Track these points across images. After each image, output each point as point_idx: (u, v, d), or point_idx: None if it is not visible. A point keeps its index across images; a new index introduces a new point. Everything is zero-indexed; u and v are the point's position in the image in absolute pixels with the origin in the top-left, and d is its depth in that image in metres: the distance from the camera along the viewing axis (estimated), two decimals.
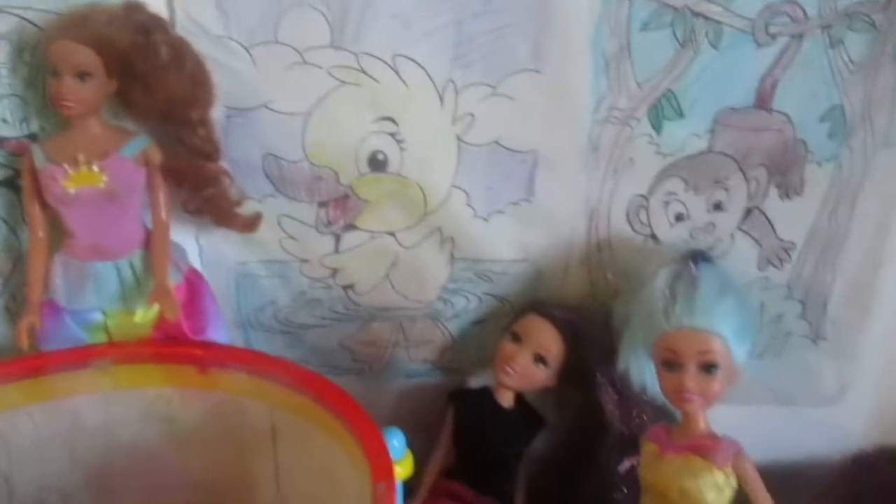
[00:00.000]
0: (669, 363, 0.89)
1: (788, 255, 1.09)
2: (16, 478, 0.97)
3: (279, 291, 1.04)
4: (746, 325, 0.91)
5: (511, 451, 1.04)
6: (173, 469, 1.02)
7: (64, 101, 0.83)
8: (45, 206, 0.90)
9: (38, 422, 0.96)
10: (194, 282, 0.95)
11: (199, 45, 0.89)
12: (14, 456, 0.96)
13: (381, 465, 0.75)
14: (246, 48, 0.91)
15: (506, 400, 1.03)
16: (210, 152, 0.90)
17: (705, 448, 0.88)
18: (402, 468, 0.82)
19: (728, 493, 0.87)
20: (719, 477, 0.87)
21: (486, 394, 1.04)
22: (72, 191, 0.85)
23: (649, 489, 0.91)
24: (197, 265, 1.00)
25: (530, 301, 1.06)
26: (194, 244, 1.01)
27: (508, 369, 1.00)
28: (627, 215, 1.05)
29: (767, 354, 1.15)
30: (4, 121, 0.92)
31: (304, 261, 1.03)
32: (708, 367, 0.88)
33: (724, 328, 0.88)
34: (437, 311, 1.07)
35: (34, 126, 0.93)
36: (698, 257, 0.93)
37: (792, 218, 1.07)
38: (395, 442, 0.82)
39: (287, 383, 0.91)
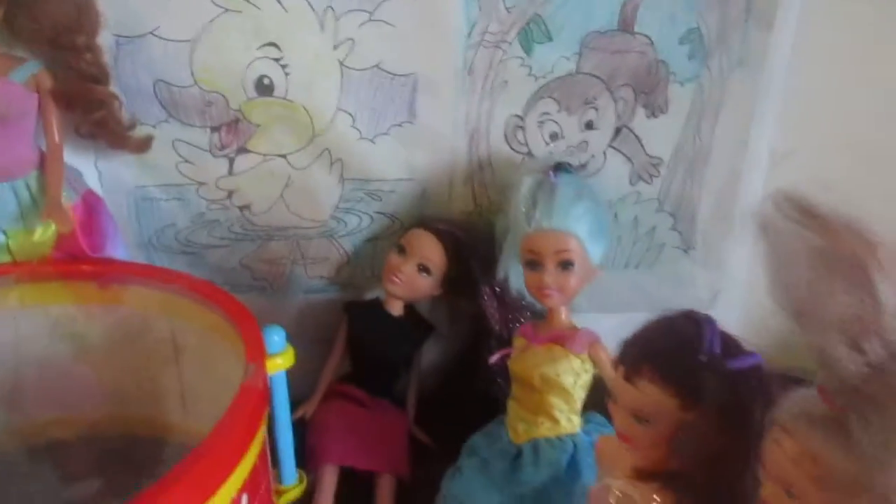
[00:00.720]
0: (531, 263, 0.98)
1: (657, 170, 1.18)
2: None
3: (178, 214, 1.10)
4: (600, 228, 0.99)
5: (400, 355, 1.12)
6: (83, 383, 1.08)
7: None
8: None
9: None
10: (91, 202, 1.01)
11: None
12: None
13: (253, 349, 0.82)
14: None
15: (395, 309, 1.11)
16: (98, 76, 0.95)
17: (564, 338, 0.97)
18: (284, 360, 0.89)
19: (585, 378, 0.97)
20: (576, 363, 0.96)
21: (376, 304, 1.12)
22: None
23: (516, 378, 1.00)
24: (97, 190, 1.05)
25: (418, 218, 1.14)
26: (94, 170, 1.06)
27: (395, 278, 1.08)
28: (505, 135, 1.12)
29: (643, 265, 1.25)
30: None
31: (201, 183, 1.09)
32: (565, 265, 0.96)
33: (578, 229, 0.96)
34: (331, 229, 1.14)
35: None
36: (558, 168, 1.01)
37: (659, 135, 1.16)
38: (276, 337, 0.89)
39: (181, 292, 0.98)
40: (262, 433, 0.81)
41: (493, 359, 1.02)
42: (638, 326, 0.73)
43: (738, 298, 1.28)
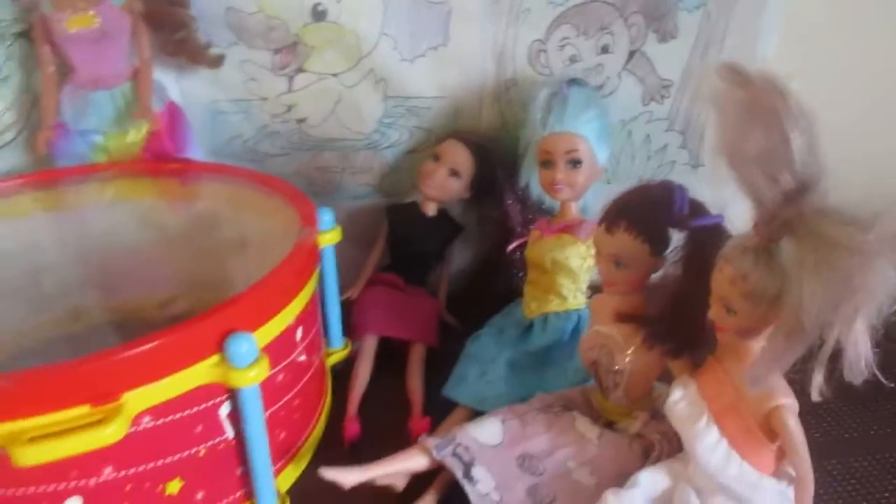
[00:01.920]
0: (545, 162, 1.13)
1: (668, 91, 1.31)
2: (41, 269, 1.23)
3: (244, 125, 1.28)
4: (605, 132, 1.14)
5: (433, 250, 1.29)
6: (163, 268, 1.27)
7: None
8: (53, 47, 1.14)
9: (56, 225, 1.22)
10: (174, 111, 1.20)
11: None
12: (40, 250, 1.22)
13: (307, 219, 1.00)
14: None
15: (430, 210, 1.28)
16: (180, 0, 1.13)
17: (573, 227, 1.12)
18: (332, 235, 1.07)
19: (590, 262, 1.12)
20: (582, 248, 1.11)
21: (414, 206, 1.29)
22: (72, 31, 1.09)
23: (531, 264, 1.16)
24: (178, 102, 1.24)
25: (451, 131, 1.29)
26: (175, 85, 1.24)
27: (429, 181, 1.24)
28: (529, 58, 1.27)
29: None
30: None
31: (264, 99, 1.26)
32: (574, 163, 1.11)
33: (586, 132, 1.11)
34: (375, 141, 1.31)
35: None
36: (572, 82, 1.15)
37: (669, 59, 1.29)
38: (326, 217, 1.07)
39: (248, 185, 1.16)
40: (313, 282, 0.98)
41: (511, 247, 1.17)
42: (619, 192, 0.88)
43: (742, 213, 1.40)
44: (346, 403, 1.07)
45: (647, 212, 0.84)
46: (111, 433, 0.70)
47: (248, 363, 0.78)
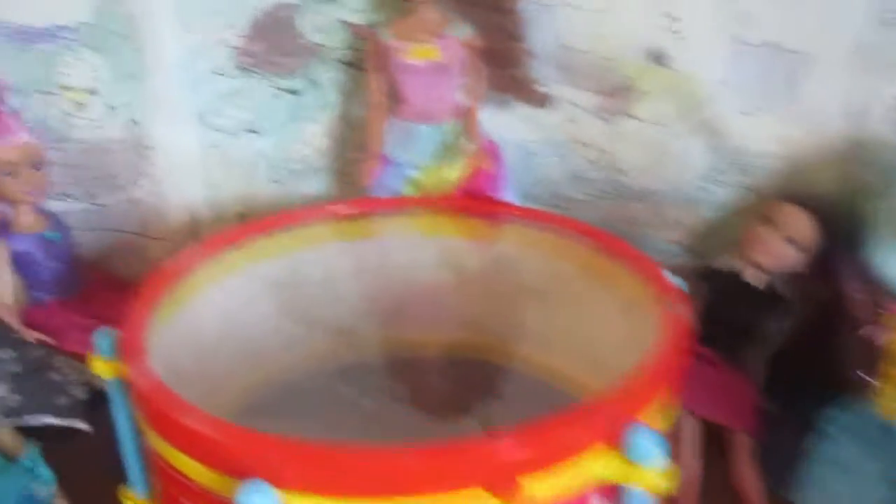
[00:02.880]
0: None
1: None
2: (335, 299, 1.20)
3: (555, 169, 1.21)
4: None
5: (757, 326, 1.15)
6: (455, 310, 1.21)
7: None
8: (385, 77, 1.11)
9: (358, 255, 1.19)
10: (492, 149, 1.14)
11: None
12: (338, 281, 1.19)
13: (663, 285, 0.89)
14: None
15: (754, 279, 1.14)
16: (521, 35, 1.07)
17: None
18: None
19: None
20: None
21: (736, 274, 1.16)
22: (414, 62, 1.06)
23: (892, 356, 0.99)
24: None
25: (784, 191, 1.15)
26: (489, 122, 1.19)
27: (761, 248, 1.11)
28: (889, 116, 1.11)
29: None
30: (355, 10, 1.15)
31: (581, 143, 1.19)
32: None
33: None
34: (695, 197, 1.20)
35: (376, 15, 1.15)
36: None
37: None
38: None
39: (569, 235, 1.07)
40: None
41: (865, 332, 1.02)
42: None
43: None
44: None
45: None
46: None
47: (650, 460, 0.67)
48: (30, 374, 1.06)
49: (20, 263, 1.17)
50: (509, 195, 1.15)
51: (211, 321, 1.03)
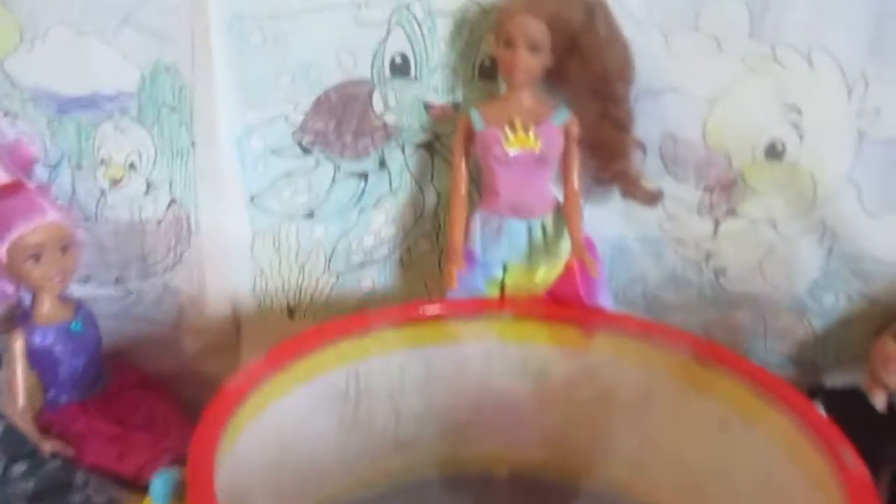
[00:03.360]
0: None
1: None
2: (402, 411, 1.06)
3: (651, 269, 1.09)
4: None
5: (883, 453, 1.02)
6: (534, 424, 1.08)
7: (516, 71, 0.92)
8: (471, 165, 0.99)
9: (430, 361, 1.05)
10: (589, 247, 1.01)
11: (622, 26, 0.96)
12: (405, 391, 1.06)
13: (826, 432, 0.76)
14: (664, 33, 0.97)
15: (879, 401, 1.02)
16: (629, 125, 0.96)
17: None
18: None
19: None
20: None
21: (857, 393, 1.03)
22: (511, 152, 0.94)
23: None
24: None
25: None
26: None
27: (893, 368, 0.99)
28: None
29: None
30: (435, 90, 1.03)
31: (681, 241, 1.07)
32: None
33: None
34: (804, 305, 1.08)
35: (459, 95, 1.03)
36: None
37: None
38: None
39: (671, 347, 0.95)
40: None
41: None
42: None
43: None
44: None
45: None
46: None
47: None
48: (45, 494, 0.94)
49: (38, 360, 1.04)
50: (606, 297, 1.02)
51: (273, 441, 0.89)
